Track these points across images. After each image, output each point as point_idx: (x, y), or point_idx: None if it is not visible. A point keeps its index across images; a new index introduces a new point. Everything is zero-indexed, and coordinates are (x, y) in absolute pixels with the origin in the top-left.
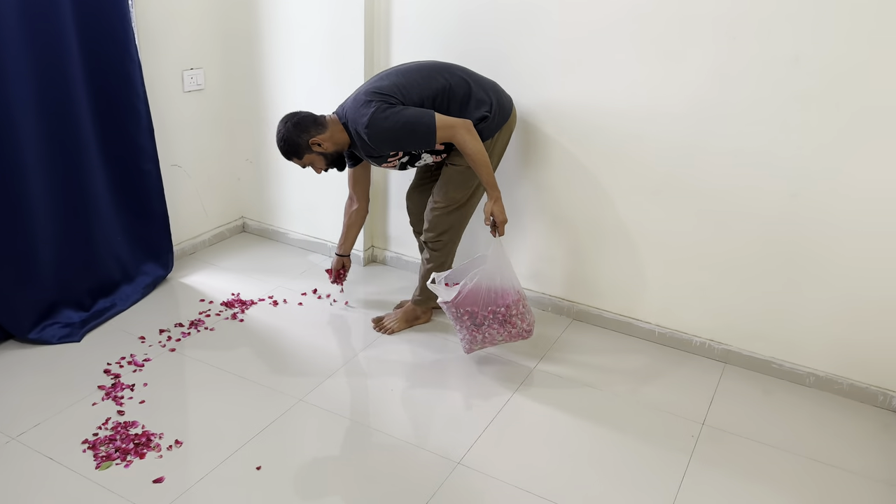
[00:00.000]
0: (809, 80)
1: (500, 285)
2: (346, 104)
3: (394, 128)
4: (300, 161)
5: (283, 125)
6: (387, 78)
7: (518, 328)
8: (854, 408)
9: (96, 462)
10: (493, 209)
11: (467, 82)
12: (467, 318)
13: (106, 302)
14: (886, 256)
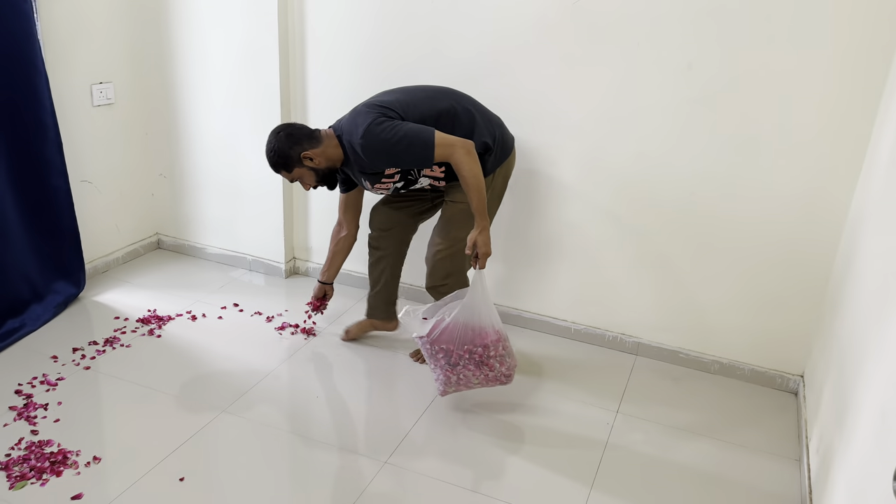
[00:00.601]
0: (701, 86)
1: (479, 323)
2: (342, 118)
3: (390, 140)
4: (289, 175)
5: (274, 136)
6: (390, 94)
7: (496, 371)
8: (755, 391)
9: (10, 482)
10: (478, 239)
11: (472, 113)
12: (442, 357)
13: (15, 322)
14: (776, 251)
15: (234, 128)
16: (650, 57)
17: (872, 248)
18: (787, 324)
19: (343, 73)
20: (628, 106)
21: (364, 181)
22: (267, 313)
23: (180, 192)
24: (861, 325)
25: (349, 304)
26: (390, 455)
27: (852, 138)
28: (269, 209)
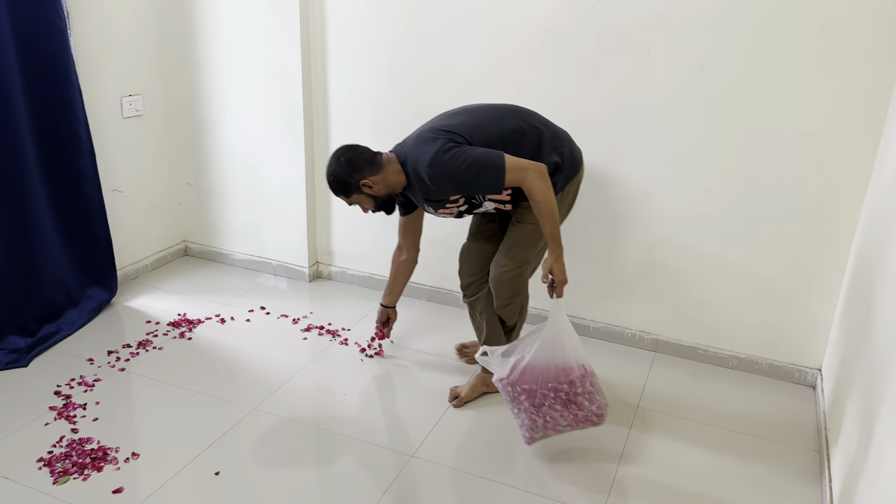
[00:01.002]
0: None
1: (563, 358)
2: (406, 142)
3: (459, 167)
4: (347, 199)
5: (335, 160)
6: (454, 116)
7: (585, 411)
8: (774, 385)
9: (53, 478)
10: (554, 266)
11: (539, 129)
12: (525, 399)
13: (51, 327)
14: (791, 246)
15: (258, 138)
16: (661, 59)
17: (888, 237)
18: (803, 318)
19: (364, 83)
20: (640, 107)
21: (427, 207)
22: (293, 315)
23: (206, 200)
24: (880, 317)
25: (372, 305)
26: (417, 448)
27: (864, 134)
28: (293, 215)
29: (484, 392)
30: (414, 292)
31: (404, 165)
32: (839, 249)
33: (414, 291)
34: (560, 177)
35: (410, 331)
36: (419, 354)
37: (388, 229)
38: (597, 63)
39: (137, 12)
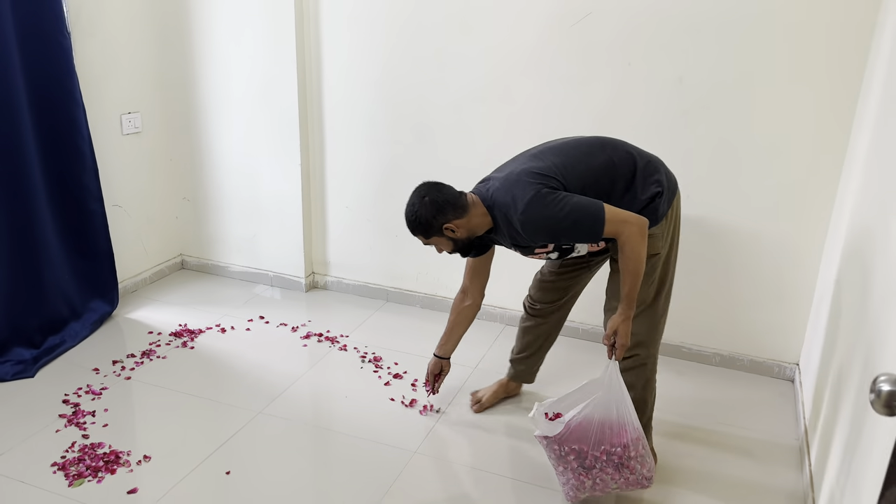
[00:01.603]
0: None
1: (617, 420)
2: (491, 185)
3: (555, 217)
4: (425, 240)
5: (419, 199)
6: (542, 157)
7: (637, 474)
8: (754, 380)
9: (68, 481)
10: (621, 328)
11: (632, 156)
12: (574, 459)
13: (56, 339)
14: (768, 247)
15: (254, 152)
16: (641, 73)
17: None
18: (781, 316)
19: (358, 98)
20: (624, 119)
21: (516, 250)
22: (292, 324)
23: (203, 214)
24: (847, 313)
25: (368, 313)
26: (419, 445)
27: (832, 141)
28: (289, 227)
29: (504, 397)
30: (407, 299)
31: (491, 209)
32: (812, 252)
33: (407, 298)
34: (663, 202)
35: (407, 335)
36: (419, 359)
37: (383, 240)
38: (582, 77)
39: (137, 32)
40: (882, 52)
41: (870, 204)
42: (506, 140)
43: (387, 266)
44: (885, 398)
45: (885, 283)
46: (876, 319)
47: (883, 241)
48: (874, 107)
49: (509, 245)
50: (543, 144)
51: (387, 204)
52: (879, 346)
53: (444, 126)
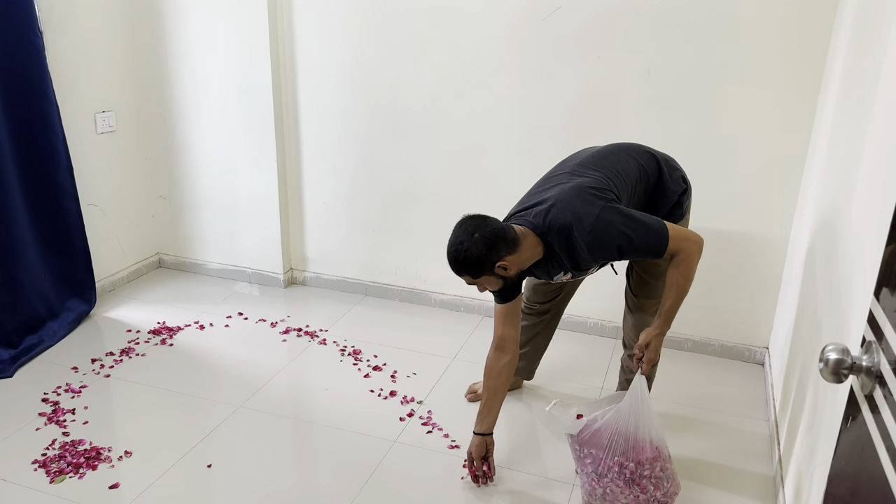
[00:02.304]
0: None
1: (635, 434)
2: (538, 210)
3: (623, 234)
4: (472, 280)
5: (466, 235)
6: (582, 172)
7: (648, 495)
8: (726, 364)
9: (50, 478)
10: (654, 342)
11: (654, 156)
12: (589, 463)
13: (34, 338)
14: (736, 234)
15: (229, 150)
16: (611, 66)
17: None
18: (750, 302)
19: (332, 95)
20: (595, 110)
21: (557, 276)
22: (271, 320)
23: (179, 212)
24: (810, 298)
25: (347, 308)
26: (399, 435)
27: (796, 131)
28: (266, 224)
29: None
30: (386, 293)
31: (546, 235)
32: (779, 238)
33: (385, 292)
34: (686, 197)
35: (386, 329)
36: (398, 351)
37: (360, 235)
38: (553, 71)
39: (110, 31)
40: (840, 44)
41: (831, 190)
42: (479, 133)
43: (365, 261)
44: (833, 366)
45: (847, 265)
46: (837, 301)
47: (843, 225)
48: (834, 95)
49: (557, 272)
50: (571, 160)
51: (363, 199)
52: (839, 327)
53: (417, 121)
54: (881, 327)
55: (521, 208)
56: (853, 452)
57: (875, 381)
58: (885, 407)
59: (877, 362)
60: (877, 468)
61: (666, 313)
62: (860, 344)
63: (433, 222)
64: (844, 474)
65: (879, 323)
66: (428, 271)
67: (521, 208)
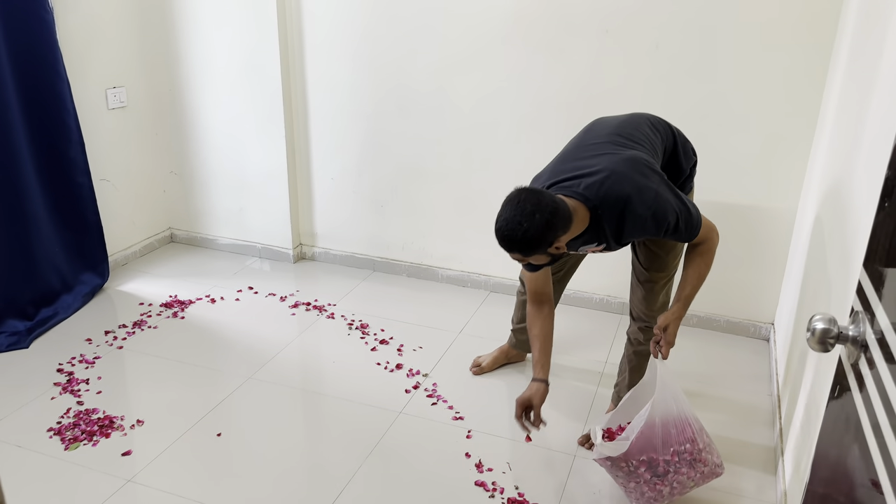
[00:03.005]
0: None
1: (677, 416)
2: (591, 182)
3: (675, 212)
4: (522, 258)
5: (527, 216)
6: (625, 142)
7: (710, 465)
8: (731, 340)
9: (64, 444)
10: (672, 325)
11: (670, 127)
12: (645, 470)
13: (48, 311)
14: (743, 210)
15: (239, 125)
16: (619, 40)
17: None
18: (756, 277)
19: (340, 70)
20: (603, 86)
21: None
22: (280, 294)
23: (190, 187)
24: (813, 272)
25: (355, 283)
26: (404, 406)
27: (806, 99)
28: (276, 199)
29: (505, 363)
30: (393, 268)
31: (597, 208)
32: (786, 213)
33: (393, 268)
34: (695, 170)
35: (394, 304)
36: (404, 325)
37: (368, 211)
38: (561, 45)
39: (120, 7)
40: (849, 19)
41: (836, 164)
42: (487, 109)
43: (373, 236)
44: (819, 335)
45: (850, 238)
46: (838, 274)
47: (847, 197)
48: (842, 69)
49: (590, 244)
50: (596, 130)
51: (371, 175)
52: (841, 300)
53: (425, 98)
54: (867, 297)
55: (565, 178)
56: (839, 420)
57: (860, 350)
58: (868, 376)
59: (862, 332)
60: (859, 436)
61: (686, 299)
62: (849, 314)
63: (440, 199)
64: (831, 441)
65: (867, 293)
66: (435, 247)
67: (564, 177)
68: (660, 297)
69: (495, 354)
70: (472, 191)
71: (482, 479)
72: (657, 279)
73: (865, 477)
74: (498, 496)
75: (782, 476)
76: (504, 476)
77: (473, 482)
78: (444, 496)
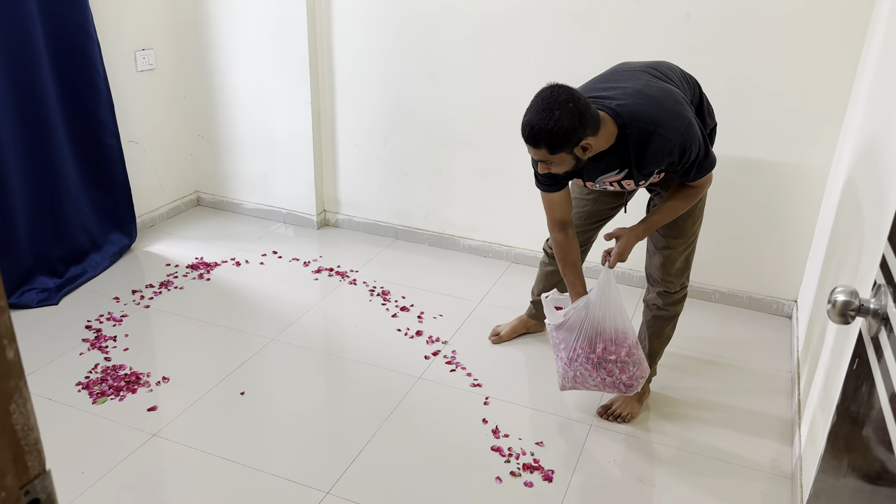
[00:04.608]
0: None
1: (601, 323)
2: (624, 102)
3: (699, 146)
4: (549, 156)
5: (560, 103)
6: (661, 75)
7: (614, 378)
8: (753, 316)
9: (92, 399)
10: (627, 238)
11: (697, 83)
12: (563, 349)
13: (77, 269)
14: (769, 184)
15: (266, 89)
16: (649, 9)
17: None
18: (781, 253)
19: (368, 36)
20: (631, 55)
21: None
22: (304, 259)
23: (217, 151)
24: (842, 251)
25: (377, 250)
26: (423, 372)
27: (839, 73)
28: (301, 166)
29: (524, 333)
30: (415, 237)
31: (625, 126)
32: (814, 189)
33: (415, 236)
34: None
35: (415, 272)
36: (425, 293)
37: (392, 179)
38: (590, 13)
39: None
40: None
41: (871, 129)
42: (515, 77)
43: (396, 205)
44: (840, 307)
45: (880, 212)
46: (861, 246)
47: (877, 170)
48: (880, 38)
49: (610, 171)
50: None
51: (396, 143)
52: (865, 272)
53: (451, 65)
54: (892, 271)
55: (598, 94)
56: (857, 393)
57: (881, 324)
58: (888, 349)
59: (884, 305)
60: (877, 407)
61: (650, 222)
62: (871, 287)
63: (464, 168)
64: (848, 414)
65: (891, 266)
66: (457, 216)
67: (597, 94)
68: (678, 262)
69: (514, 324)
70: (495, 162)
71: (498, 444)
72: (675, 245)
73: (881, 448)
74: (514, 461)
75: (798, 445)
76: (520, 442)
77: (490, 447)
78: (460, 460)
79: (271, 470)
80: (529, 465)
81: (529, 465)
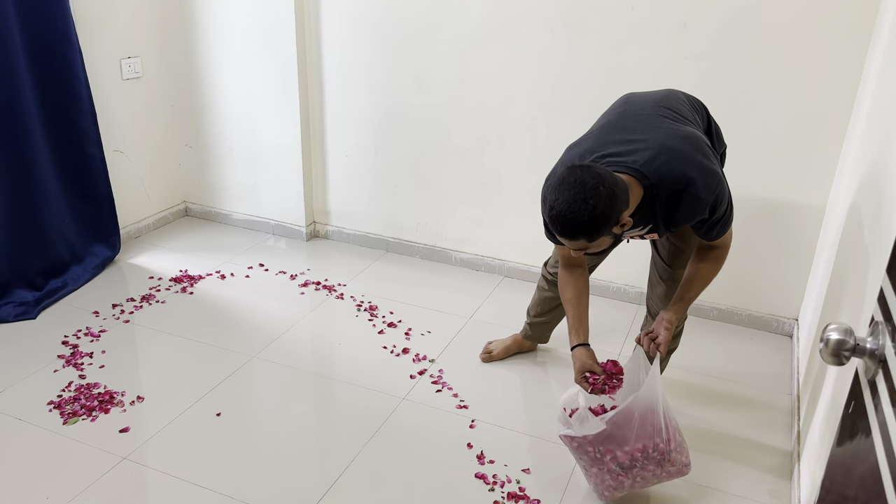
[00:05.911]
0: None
1: (655, 413)
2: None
3: (728, 201)
4: (588, 243)
5: (590, 191)
6: (677, 116)
7: (678, 465)
8: (753, 335)
9: (63, 419)
10: (668, 329)
11: (705, 108)
12: (610, 459)
13: (57, 282)
14: (769, 200)
15: (254, 100)
16: (644, 17)
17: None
18: (781, 270)
19: (357, 44)
20: (626, 65)
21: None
22: (290, 272)
23: (205, 161)
24: (842, 268)
25: (367, 263)
26: (408, 392)
27: (841, 89)
28: (290, 176)
29: (517, 353)
30: (406, 249)
31: (652, 187)
32: (815, 206)
33: (406, 249)
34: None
35: (404, 286)
36: (414, 308)
37: (382, 190)
38: (584, 22)
39: None
40: (889, 4)
41: (872, 155)
42: (505, 87)
43: (386, 216)
44: (833, 347)
45: (880, 240)
46: (862, 276)
47: (878, 192)
48: (881, 54)
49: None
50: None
51: (386, 154)
52: (863, 303)
53: (442, 72)
54: (889, 307)
55: (615, 151)
56: (852, 439)
57: (878, 366)
58: (885, 394)
59: (882, 345)
60: (871, 460)
61: (688, 300)
62: (868, 324)
63: (456, 180)
64: (842, 461)
65: (889, 302)
66: (449, 229)
67: (613, 150)
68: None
69: (508, 343)
70: (487, 173)
71: (482, 471)
72: (681, 276)
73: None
74: (498, 490)
75: (797, 484)
76: (506, 469)
77: (474, 474)
78: (441, 487)
79: (244, 497)
80: (514, 493)
81: (514, 493)
